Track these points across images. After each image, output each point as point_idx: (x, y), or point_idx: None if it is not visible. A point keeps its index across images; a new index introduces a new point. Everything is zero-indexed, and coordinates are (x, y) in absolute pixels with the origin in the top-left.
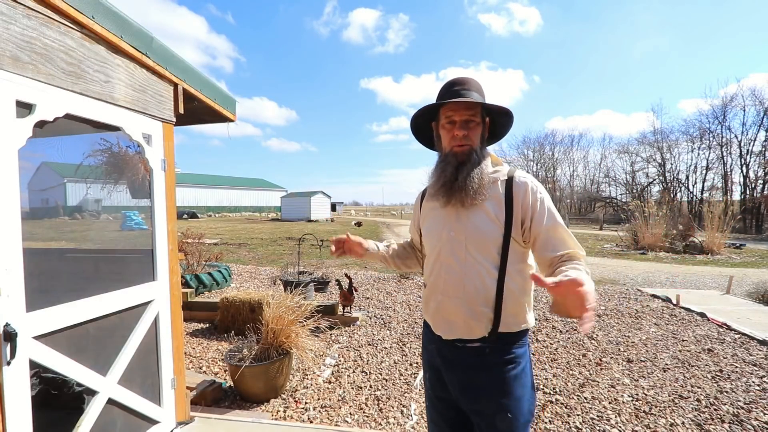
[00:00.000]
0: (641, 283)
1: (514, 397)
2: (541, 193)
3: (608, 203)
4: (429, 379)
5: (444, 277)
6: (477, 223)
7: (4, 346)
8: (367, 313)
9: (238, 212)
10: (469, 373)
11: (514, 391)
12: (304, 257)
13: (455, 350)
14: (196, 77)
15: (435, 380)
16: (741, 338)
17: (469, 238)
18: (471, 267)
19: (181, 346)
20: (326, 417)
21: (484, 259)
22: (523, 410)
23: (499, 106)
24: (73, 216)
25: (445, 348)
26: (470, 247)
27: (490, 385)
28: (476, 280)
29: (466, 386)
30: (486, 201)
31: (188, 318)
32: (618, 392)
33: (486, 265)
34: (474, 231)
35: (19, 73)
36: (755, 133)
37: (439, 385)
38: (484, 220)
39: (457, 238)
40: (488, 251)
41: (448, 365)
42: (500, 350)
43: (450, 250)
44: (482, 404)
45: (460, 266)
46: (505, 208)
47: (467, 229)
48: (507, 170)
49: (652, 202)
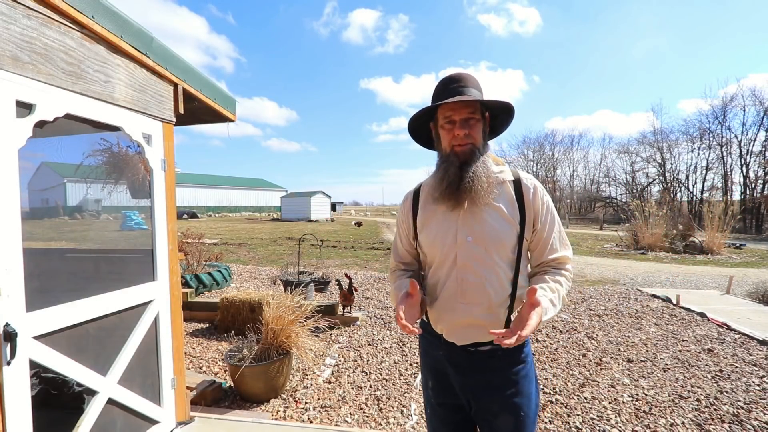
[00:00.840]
0: (641, 283)
1: (526, 395)
2: (546, 196)
3: (608, 203)
4: (432, 387)
5: (463, 284)
6: (495, 225)
7: (4, 346)
8: (367, 313)
9: (238, 212)
10: (485, 376)
11: (525, 389)
12: (304, 257)
13: (467, 355)
14: (196, 77)
15: (439, 387)
16: (741, 338)
17: (489, 241)
18: (491, 270)
19: (181, 346)
20: (326, 417)
21: (502, 261)
22: (533, 407)
23: (499, 101)
24: (73, 216)
25: (457, 354)
26: (490, 250)
27: (504, 386)
28: (496, 283)
29: (480, 389)
30: (499, 201)
31: (188, 318)
32: (618, 392)
33: (504, 266)
34: (493, 233)
35: (19, 73)
36: (755, 133)
37: (443, 392)
38: (501, 221)
39: (476, 242)
40: (506, 253)
41: (460, 370)
42: (511, 351)
43: (468, 254)
44: (497, 405)
45: (482, 270)
46: (518, 209)
47: (485, 231)
48: (511, 171)
49: (652, 202)
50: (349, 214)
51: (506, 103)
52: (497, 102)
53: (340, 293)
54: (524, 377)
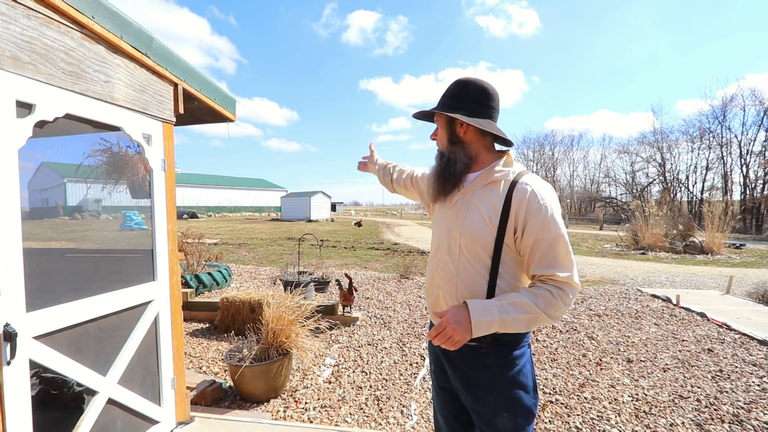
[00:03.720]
0: (641, 283)
1: (511, 397)
2: (543, 200)
3: (608, 203)
4: (433, 371)
5: (440, 273)
6: (470, 223)
7: (4, 346)
8: (367, 313)
9: (238, 212)
10: (468, 371)
11: (510, 391)
12: (304, 257)
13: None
14: (196, 77)
15: (439, 371)
16: (741, 338)
17: (462, 237)
18: (464, 267)
19: (181, 346)
20: (326, 417)
21: (474, 261)
22: (521, 411)
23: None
24: (73, 216)
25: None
26: (463, 247)
27: (487, 385)
28: (468, 280)
29: (464, 383)
30: (482, 201)
31: (188, 318)
32: (618, 392)
33: (476, 266)
34: (467, 230)
35: (19, 73)
36: (755, 133)
37: (442, 376)
38: (477, 220)
39: (452, 236)
40: (478, 253)
41: (448, 359)
42: (497, 352)
43: (447, 246)
44: (480, 402)
45: (454, 265)
46: (501, 211)
47: (462, 227)
48: (516, 172)
49: (652, 202)
50: (349, 214)
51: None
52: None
53: (340, 293)
54: (511, 380)
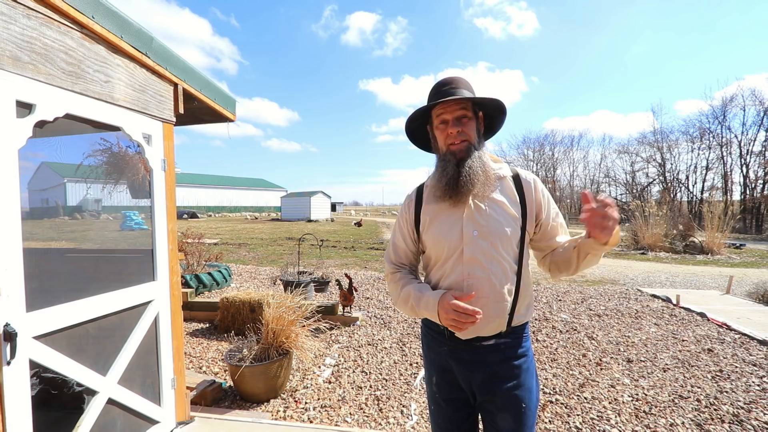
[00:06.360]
0: (641, 283)
1: (527, 388)
2: (545, 189)
3: None
4: (437, 383)
5: (470, 278)
6: (500, 220)
7: (4, 346)
8: (367, 313)
9: (238, 212)
10: (488, 370)
11: (526, 382)
12: (304, 257)
13: (472, 349)
14: (196, 77)
15: (444, 383)
16: (741, 338)
17: (494, 235)
18: (497, 264)
19: (181, 346)
20: (326, 417)
21: (507, 255)
22: (534, 400)
23: (488, 98)
24: (73, 216)
25: (461, 349)
26: (496, 244)
27: (507, 379)
28: (502, 276)
29: (484, 382)
30: (501, 196)
31: (188, 318)
32: (618, 392)
33: (509, 259)
34: (498, 227)
35: (19, 73)
36: (755, 133)
37: (448, 388)
38: (505, 215)
39: (482, 237)
40: (511, 246)
41: (464, 365)
42: (513, 344)
43: (475, 249)
44: (500, 398)
45: (488, 264)
46: (520, 204)
47: (490, 226)
48: (509, 168)
49: (652, 202)
50: (349, 214)
51: (495, 99)
52: (486, 99)
53: (340, 293)
54: (526, 371)
